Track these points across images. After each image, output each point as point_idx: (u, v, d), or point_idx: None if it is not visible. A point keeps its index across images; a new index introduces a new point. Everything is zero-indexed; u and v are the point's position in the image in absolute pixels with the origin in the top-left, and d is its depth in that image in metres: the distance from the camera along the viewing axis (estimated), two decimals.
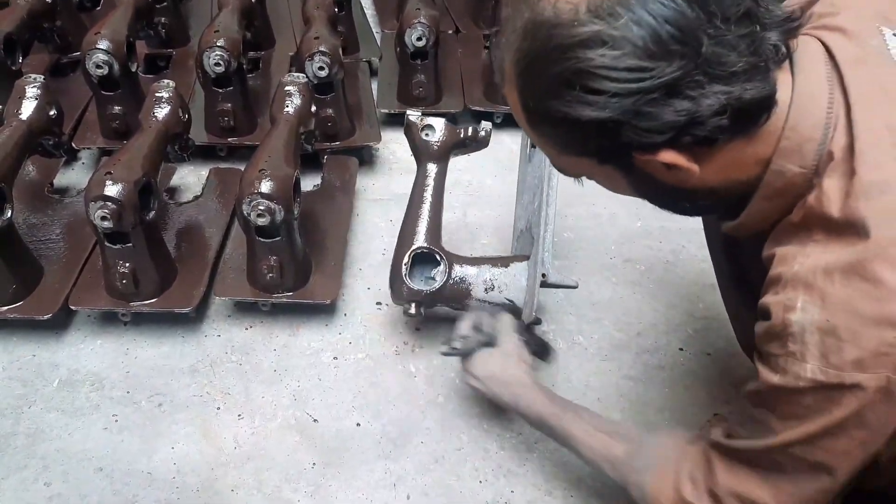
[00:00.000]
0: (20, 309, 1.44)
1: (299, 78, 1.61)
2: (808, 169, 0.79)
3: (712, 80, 0.73)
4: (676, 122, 0.74)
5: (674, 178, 0.82)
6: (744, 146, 0.80)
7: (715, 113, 0.74)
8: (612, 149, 0.80)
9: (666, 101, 0.73)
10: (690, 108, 0.74)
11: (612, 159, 0.84)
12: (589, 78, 0.74)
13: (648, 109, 0.74)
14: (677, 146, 0.77)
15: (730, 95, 0.74)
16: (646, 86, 0.73)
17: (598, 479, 1.26)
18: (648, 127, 0.75)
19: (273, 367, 1.44)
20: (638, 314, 1.56)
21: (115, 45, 1.72)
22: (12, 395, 1.37)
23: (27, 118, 1.51)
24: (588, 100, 0.75)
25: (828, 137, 0.79)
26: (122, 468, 1.26)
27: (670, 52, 0.72)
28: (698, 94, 0.73)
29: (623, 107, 0.74)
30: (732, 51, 0.73)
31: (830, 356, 0.75)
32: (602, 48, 0.72)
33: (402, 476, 1.26)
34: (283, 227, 1.39)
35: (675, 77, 0.72)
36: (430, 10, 1.97)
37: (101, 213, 1.30)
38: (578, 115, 0.76)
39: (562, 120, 0.79)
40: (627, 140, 0.77)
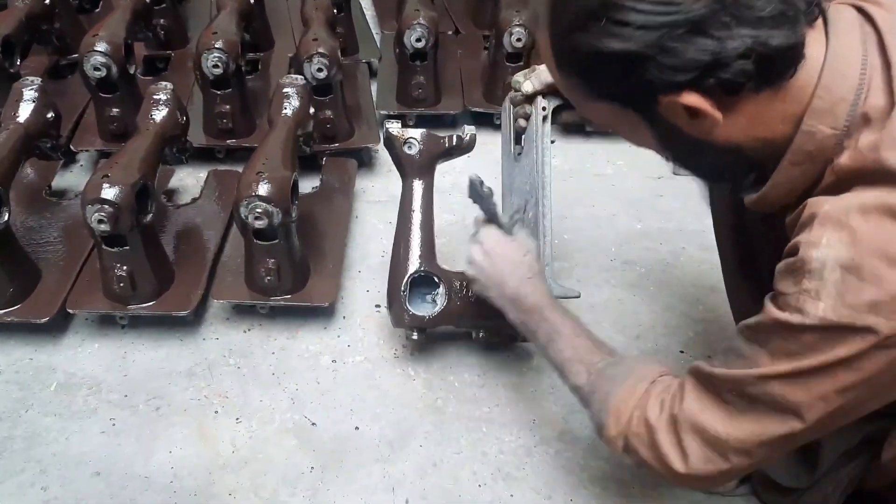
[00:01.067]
0: (17, 312, 1.43)
1: (297, 80, 1.61)
2: (840, 130, 0.79)
3: (739, 23, 0.73)
4: (700, 61, 0.74)
5: (698, 130, 0.81)
6: (770, 100, 0.80)
7: (739, 56, 0.74)
8: (637, 89, 0.80)
9: (691, 38, 0.73)
10: (715, 48, 0.73)
11: (636, 102, 0.83)
12: (616, 9, 0.74)
13: (673, 45, 0.74)
14: (701, 89, 0.77)
15: (756, 39, 0.73)
16: (672, 20, 0.73)
17: (599, 483, 1.25)
18: (672, 63, 0.75)
19: (271, 370, 1.43)
20: (637, 317, 1.56)
21: (112, 48, 1.72)
22: (9, 399, 1.37)
23: (25, 121, 1.51)
24: (614, 31, 0.75)
25: (860, 99, 0.78)
26: (120, 472, 1.25)
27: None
28: (724, 34, 0.73)
29: (648, 40, 0.74)
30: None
31: (847, 295, 0.74)
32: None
33: (400, 480, 1.26)
34: (281, 229, 1.39)
35: (701, 14, 0.72)
36: (429, 12, 1.97)
37: (97, 217, 1.30)
38: (604, 47, 0.76)
39: (588, 56, 0.79)
40: (651, 77, 0.77)
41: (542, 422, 1.35)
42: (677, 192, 1.91)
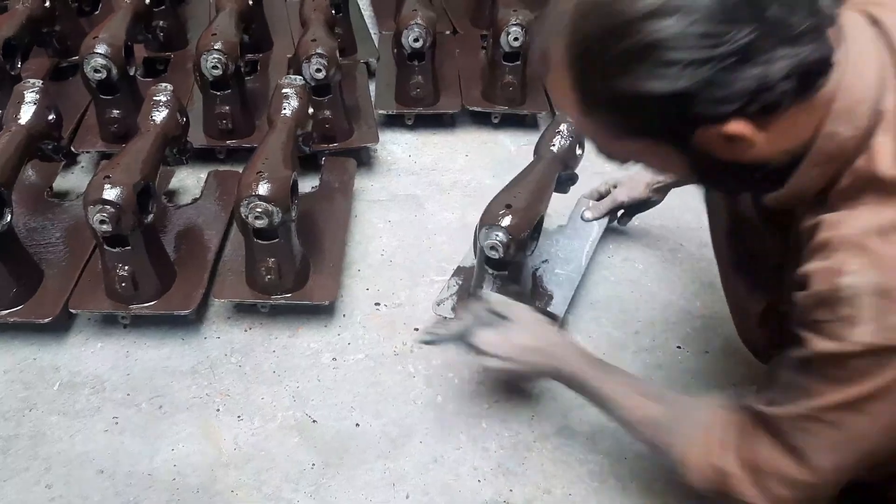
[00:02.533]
0: (21, 312, 1.44)
1: (296, 80, 1.62)
2: (860, 130, 0.79)
3: (780, 44, 0.72)
4: (748, 89, 0.73)
5: (731, 153, 0.80)
6: (800, 112, 0.79)
7: (784, 77, 0.73)
8: (678, 124, 0.78)
9: (738, 67, 0.72)
10: (761, 74, 0.72)
11: (673, 136, 0.81)
12: (660, 50, 0.72)
13: (721, 77, 0.72)
14: (745, 115, 0.76)
15: (796, 57, 0.73)
16: (720, 52, 0.71)
17: (598, 477, 1.26)
18: (720, 96, 0.73)
19: (273, 368, 1.44)
20: (636, 313, 1.57)
21: (113, 50, 1.73)
22: (14, 398, 1.38)
23: (26, 123, 1.52)
24: (661, 73, 0.73)
25: (879, 98, 0.78)
26: (124, 470, 1.27)
27: (738, 16, 0.70)
28: (768, 57, 0.72)
29: (696, 77, 0.72)
30: (795, 11, 0.72)
31: (886, 318, 0.74)
32: (671, 17, 0.71)
33: (401, 475, 1.27)
34: (282, 228, 1.40)
35: (747, 42, 0.71)
36: (426, 12, 1.98)
37: (99, 217, 1.31)
38: (650, 89, 0.74)
39: (626, 99, 0.77)
40: (698, 111, 0.75)
41: (541, 417, 1.36)
42: (675, 190, 1.92)
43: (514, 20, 1.95)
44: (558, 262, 1.58)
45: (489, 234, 1.32)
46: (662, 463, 1.05)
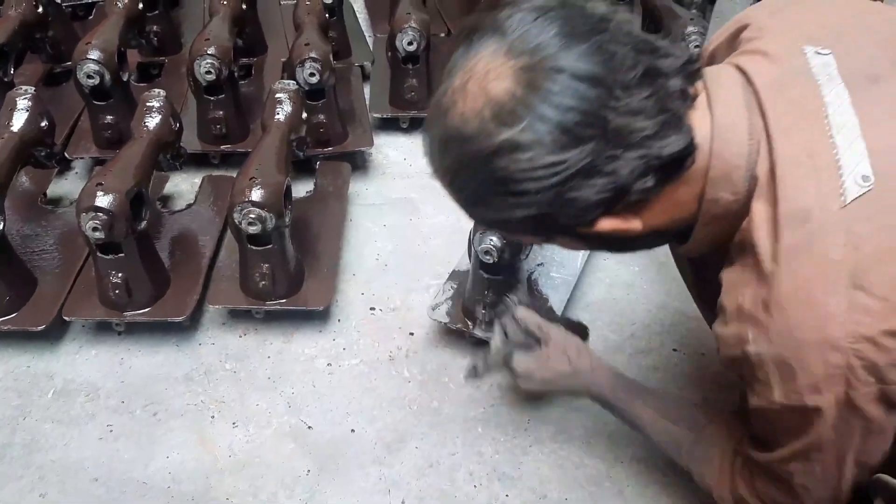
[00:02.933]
0: (14, 320, 1.44)
1: (289, 85, 1.62)
2: (741, 195, 0.81)
3: (627, 149, 0.75)
4: (602, 199, 0.77)
5: (620, 234, 0.84)
6: (677, 189, 0.82)
7: (638, 177, 0.77)
8: (553, 231, 0.85)
9: (586, 182, 0.76)
10: (611, 182, 0.76)
11: (557, 236, 0.88)
12: (510, 183, 0.77)
13: (572, 195, 0.77)
14: (612, 213, 0.80)
15: (647, 158, 0.76)
16: (563, 177, 0.75)
17: (594, 481, 1.26)
18: (577, 211, 0.78)
19: (267, 374, 1.44)
20: (632, 315, 1.56)
21: (106, 55, 1.72)
22: (8, 406, 1.38)
23: (19, 130, 1.51)
24: (515, 202, 0.78)
25: (753, 162, 0.80)
26: (118, 477, 1.26)
27: (579, 137, 0.74)
28: (615, 166, 0.75)
29: (547, 200, 0.77)
30: (640, 115, 0.74)
31: (789, 383, 0.78)
32: (515, 153, 0.75)
33: (396, 481, 1.26)
34: (275, 234, 1.39)
35: (587, 161, 0.74)
36: (420, 14, 1.97)
37: (92, 224, 1.31)
38: (510, 217, 0.80)
39: (496, 221, 0.85)
40: (562, 223, 0.81)
41: (537, 422, 1.35)
42: None
43: None
44: (553, 265, 1.58)
45: (483, 239, 1.31)
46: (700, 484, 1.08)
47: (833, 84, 0.80)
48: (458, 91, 0.78)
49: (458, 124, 0.78)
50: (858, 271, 0.73)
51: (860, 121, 0.77)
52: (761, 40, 0.88)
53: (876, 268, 0.73)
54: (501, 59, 0.75)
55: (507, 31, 0.76)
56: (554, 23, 0.75)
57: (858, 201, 0.74)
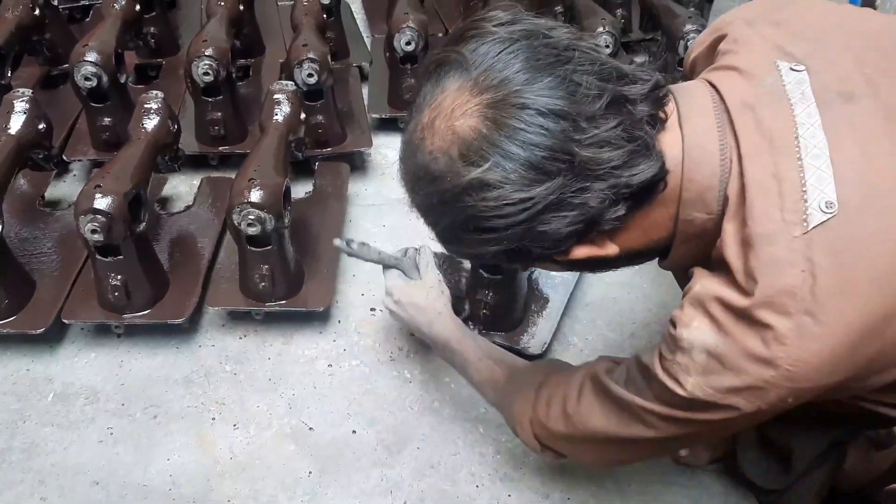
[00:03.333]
0: (13, 323, 1.43)
1: (288, 86, 1.61)
2: (715, 214, 0.81)
3: (595, 181, 0.76)
4: (574, 230, 0.78)
5: (597, 255, 0.84)
6: (651, 212, 0.82)
7: (608, 207, 0.77)
8: (528, 260, 0.86)
9: (556, 216, 0.77)
10: (581, 214, 0.77)
11: (534, 262, 0.90)
12: (479, 220, 0.78)
13: (542, 229, 0.77)
14: (586, 241, 0.81)
15: (617, 188, 0.76)
16: (532, 212, 0.76)
17: (595, 481, 1.26)
18: (548, 243, 0.79)
19: (268, 375, 1.44)
20: (631, 314, 1.56)
21: (103, 57, 1.72)
22: (7, 410, 1.37)
23: (16, 133, 1.51)
24: (485, 238, 0.80)
25: (724, 182, 0.80)
26: (118, 481, 1.26)
27: (546, 172, 0.74)
28: (584, 199, 0.76)
29: (518, 235, 0.78)
30: (607, 147, 0.75)
31: (711, 378, 0.78)
32: (483, 192, 0.76)
33: (398, 482, 1.26)
34: (274, 235, 1.39)
35: (554, 196, 0.75)
36: (418, 15, 1.97)
37: (90, 227, 1.30)
38: (483, 251, 0.82)
39: (471, 255, 0.88)
40: (535, 254, 0.82)
41: None
42: None
43: None
44: None
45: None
46: (506, 421, 1.13)
47: (805, 103, 0.79)
48: (426, 128, 0.79)
49: (427, 162, 0.79)
50: (811, 300, 0.72)
51: (829, 143, 0.76)
52: (736, 55, 0.87)
53: (827, 301, 0.72)
54: (467, 95, 0.76)
55: (471, 66, 0.77)
56: (518, 56, 0.76)
57: (820, 228, 0.73)
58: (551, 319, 1.48)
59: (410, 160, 0.82)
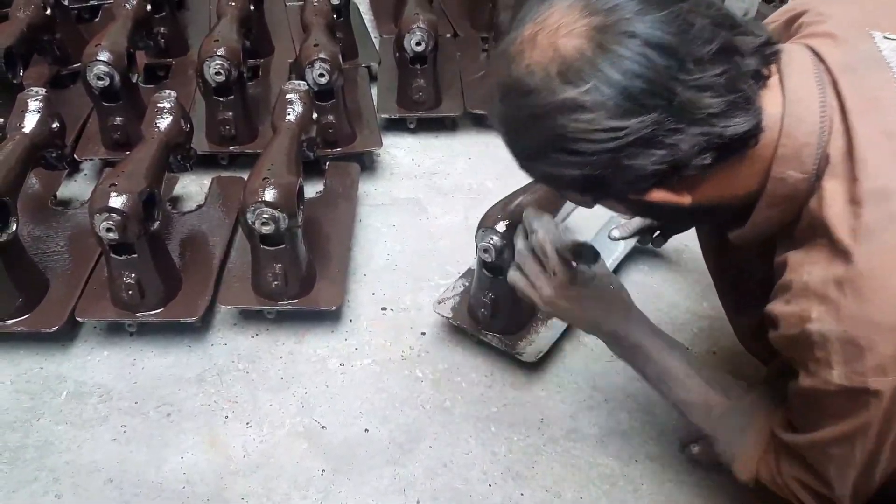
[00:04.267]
0: (26, 322, 1.44)
1: (300, 85, 1.62)
2: (809, 174, 0.80)
3: (690, 124, 0.74)
4: (658, 170, 0.77)
5: (670, 207, 0.83)
6: (737, 167, 0.81)
7: (697, 153, 0.76)
8: (603, 194, 0.85)
9: (644, 151, 0.75)
10: (669, 155, 0.76)
11: (606, 199, 0.88)
12: (567, 142, 0.77)
13: (628, 163, 0.76)
14: (666, 186, 0.80)
15: (710, 136, 0.75)
16: (621, 143, 0.75)
17: (608, 480, 1.26)
18: (631, 178, 0.78)
19: (280, 374, 1.44)
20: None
21: (115, 57, 1.72)
22: (21, 408, 1.37)
23: (30, 131, 1.51)
24: (570, 161, 0.78)
25: (824, 141, 0.79)
26: (132, 479, 1.26)
27: (643, 105, 0.73)
28: (676, 140, 0.74)
29: (603, 163, 0.77)
30: (709, 92, 0.74)
31: (853, 363, 0.76)
32: (575, 113, 0.75)
33: (410, 481, 1.26)
34: (288, 234, 1.39)
35: (648, 131, 0.74)
36: (428, 15, 1.98)
37: (106, 225, 1.31)
38: (563, 173, 0.80)
39: (549, 176, 0.84)
40: (615, 189, 0.80)
41: (550, 421, 1.35)
42: None
43: None
44: None
45: (484, 237, 1.31)
46: (719, 451, 1.08)
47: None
48: (526, 42, 0.77)
49: (522, 75, 0.77)
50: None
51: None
52: (825, 24, 0.87)
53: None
54: (576, 15, 0.75)
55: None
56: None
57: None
58: (554, 330, 1.45)
59: (504, 71, 0.80)
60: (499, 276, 1.37)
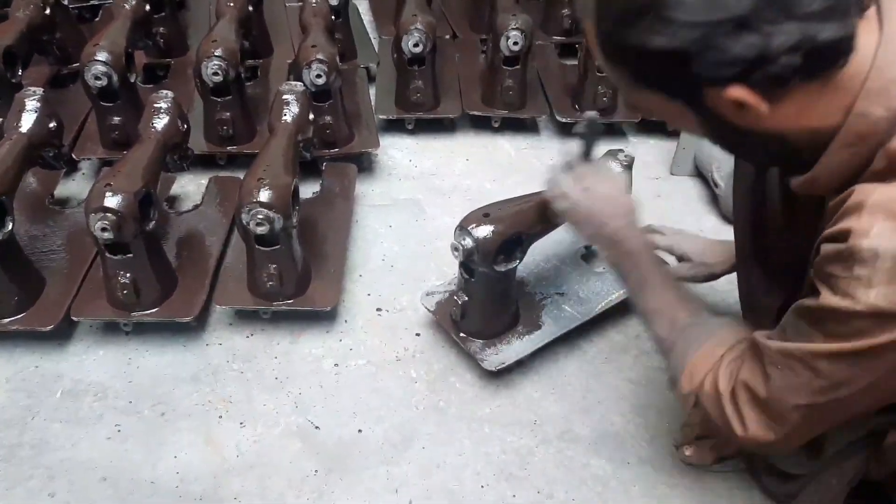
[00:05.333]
0: (23, 320, 1.44)
1: (297, 86, 1.62)
2: (893, 111, 0.79)
3: (787, 18, 0.73)
4: (746, 57, 0.75)
5: (744, 120, 0.82)
6: (820, 91, 0.80)
7: (787, 51, 0.74)
8: (682, 82, 0.82)
9: (737, 34, 0.74)
10: (761, 44, 0.74)
11: (682, 94, 0.85)
12: (661, 6, 0.75)
13: (718, 42, 0.75)
14: (748, 82, 0.78)
15: (803, 34, 0.74)
16: (717, 17, 0.74)
17: (600, 482, 1.26)
18: (718, 59, 0.76)
19: (275, 374, 1.44)
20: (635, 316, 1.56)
21: (113, 57, 1.73)
22: (17, 406, 1.38)
23: (27, 131, 1.52)
24: (659, 28, 0.76)
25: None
26: (126, 477, 1.27)
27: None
28: (770, 29, 0.74)
29: (693, 37, 0.75)
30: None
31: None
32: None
33: (404, 481, 1.27)
34: (283, 235, 1.40)
35: (747, 10, 0.73)
36: (426, 17, 1.98)
37: (101, 225, 1.31)
38: (650, 44, 0.78)
39: (634, 50, 0.81)
40: (697, 72, 0.78)
41: (543, 422, 1.36)
42: (675, 193, 1.93)
43: (514, 25, 1.95)
44: (573, 299, 1.53)
45: (459, 236, 1.33)
46: (665, 368, 1.08)
47: None
48: None
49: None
50: None
51: None
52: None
53: None
54: None
55: None
56: None
57: None
58: (526, 346, 1.43)
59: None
60: (472, 277, 1.37)
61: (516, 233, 1.34)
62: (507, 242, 1.33)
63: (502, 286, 1.41)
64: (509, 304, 1.45)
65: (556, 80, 2.23)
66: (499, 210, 1.35)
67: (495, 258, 1.33)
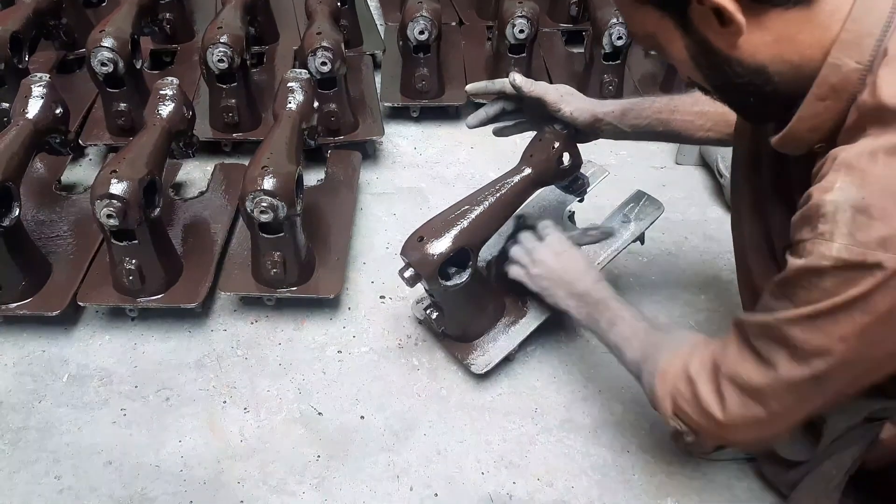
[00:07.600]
0: (29, 305, 1.46)
1: (301, 74, 1.62)
2: (864, 65, 0.80)
3: None
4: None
5: (726, 42, 0.83)
6: (799, 22, 0.81)
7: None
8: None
9: None
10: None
11: (671, 5, 0.85)
12: None
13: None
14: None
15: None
16: None
17: (600, 470, 1.27)
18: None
19: (278, 361, 1.46)
20: (640, 306, 1.53)
21: (119, 43, 1.73)
22: (23, 391, 1.40)
23: (34, 117, 1.52)
24: None
25: (887, 35, 0.80)
26: (131, 461, 1.28)
27: None
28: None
29: None
30: None
31: (858, 233, 0.76)
32: None
33: (405, 468, 1.28)
34: (287, 222, 1.40)
35: None
36: (432, 4, 1.97)
37: (106, 211, 1.32)
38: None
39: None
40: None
41: (544, 410, 1.37)
42: (680, 182, 1.92)
43: (520, 12, 1.94)
44: None
45: (402, 268, 1.27)
46: (644, 391, 1.09)
47: None
48: None
49: None
50: None
51: None
52: None
53: None
54: None
55: None
56: None
57: None
58: (512, 339, 1.40)
59: None
60: (434, 297, 1.33)
61: (459, 248, 1.25)
62: (451, 261, 1.26)
63: (468, 293, 1.32)
64: (485, 304, 1.40)
65: (562, 69, 2.22)
66: (433, 229, 1.27)
67: (446, 276, 1.27)
